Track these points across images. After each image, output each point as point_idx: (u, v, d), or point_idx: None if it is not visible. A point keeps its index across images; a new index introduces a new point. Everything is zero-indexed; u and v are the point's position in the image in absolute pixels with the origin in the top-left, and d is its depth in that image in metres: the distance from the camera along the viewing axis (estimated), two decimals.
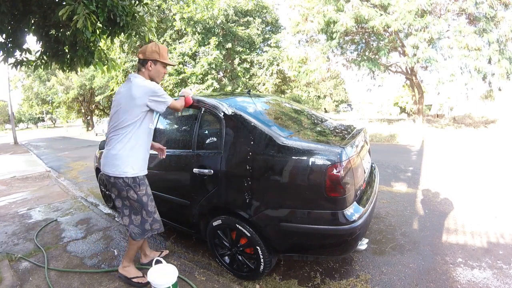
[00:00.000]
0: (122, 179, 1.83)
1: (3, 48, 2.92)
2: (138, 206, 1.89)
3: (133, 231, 1.93)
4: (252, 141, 1.86)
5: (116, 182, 1.84)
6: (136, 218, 1.92)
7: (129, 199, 1.88)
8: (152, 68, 1.89)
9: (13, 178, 6.10)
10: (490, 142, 7.75)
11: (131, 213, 1.92)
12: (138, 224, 1.92)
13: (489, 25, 9.89)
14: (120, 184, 1.84)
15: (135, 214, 1.91)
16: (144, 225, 1.93)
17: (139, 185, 1.88)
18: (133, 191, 1.85)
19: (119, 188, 1.86)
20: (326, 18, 10.79)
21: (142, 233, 1.94)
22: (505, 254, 2.24)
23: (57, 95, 27.46)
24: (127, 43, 14.60)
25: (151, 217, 1.94)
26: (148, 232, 1.95)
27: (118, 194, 1.91)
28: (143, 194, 1.89)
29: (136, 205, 1.89)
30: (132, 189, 1.85)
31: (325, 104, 31.21)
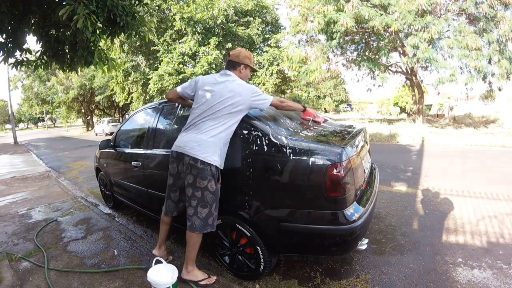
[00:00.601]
0: (210, 167, 1.81)
1: (3, 48, 2.92)
2: (211, 199, 1.84)
3: (195, 223, 1.86)
4: (252, 141, 1.86)
5: (204, 168, 1.80)
6: (203, 211, 1.85)
7: (205, 190, 1.82)
8: (243, 72, 2.03)
9: (13, 178, 6.10)
10: (490, 142, 7.75)
11: (198, 205, 1.84)
12: (203, 217, 1.85)
13: (489, 25, 9.89)
14: (207, 171, 1.80)
15: (202, 207, 1.85)
16: (208, 220, 1.86)
17: (220, 178, 1.89)
18: (214, 182, 1.83)
19: (202, 176, 1.80)
20: (326, 18, 10.80)
21: (203, 226, 1.86)
22: (505, 254, 2.24)
23: (57, 95, 27.45)
24: (127, 43, 14.62)
25: (216, 212, 1.90)
26: (208, 227, 1.87)
27: (194, 182, 1.83)
28: (219, 188, 1.89)
29: (209, 197, 1.84)
30: (214, 179, 1.83)
31: (325, 104, 31.17)
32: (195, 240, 1.91)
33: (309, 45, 13.87)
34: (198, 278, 1.95)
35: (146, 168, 2.63)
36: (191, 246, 1.93)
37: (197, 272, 1.99)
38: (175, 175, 2.01)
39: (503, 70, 9.91)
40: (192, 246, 1.93)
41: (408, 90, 18.72)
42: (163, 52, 14.28)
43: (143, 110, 3.09)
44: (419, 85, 13.58)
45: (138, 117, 3.18)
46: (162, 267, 1.81)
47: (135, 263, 2.31)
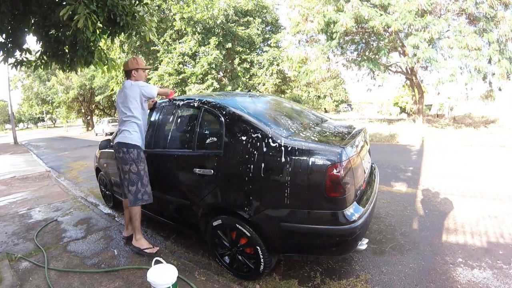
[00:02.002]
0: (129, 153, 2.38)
1: (3, 48, 2.92)
2: (136, 178, 2.37)
3: (129, 198, 2.37)
4: (252, 141, 1.86)
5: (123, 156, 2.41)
6: (132, 189, 2.36)
7: (129, 172, 2.37)
8: (137, 75, 2.54)
9: (13, 178, 6.10)
10: (490, 142, 7.75)
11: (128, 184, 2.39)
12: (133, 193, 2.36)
13: (489, 25, 9.89)
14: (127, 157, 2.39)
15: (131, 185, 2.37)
16: (137, 195, 2.35)
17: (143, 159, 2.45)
18: (135, 165, 2.37)
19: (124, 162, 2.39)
20: (326, 18, 10.79)
21: (134, 201, 2.35)
22: (505, 254, 2.24)
23: (57, 95, 27.44)
24: (127, 43, 14.61)
25: (143, 188, 2.38)
26: (138, 201, 2.35)
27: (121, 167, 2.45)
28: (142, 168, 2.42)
29: (134, 177, 2.37)
30: (135, 163, 2.38)
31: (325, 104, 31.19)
32: (135, 211, 2.38)
33: (309, 45, 13.86)
34: (143, 246, 2.40)
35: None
36: (134, 216, 2.39)
37: (144, 241, 2.44)
38: (118, 169, 2.54)
39: (503, 70, 9.90)
40: (134, 216, 2.39)
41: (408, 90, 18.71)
42: (163, 52, 14.28)
43: None
44: (419, 85, 13.57)
45: None
46: (162, 267, 1.81)
47: (135, 263, 2.31)
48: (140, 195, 2.34)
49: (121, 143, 2.37)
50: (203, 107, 2.24)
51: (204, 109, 2.23)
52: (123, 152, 2.36)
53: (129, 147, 2.36)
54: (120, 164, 2.41)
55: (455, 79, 10.44)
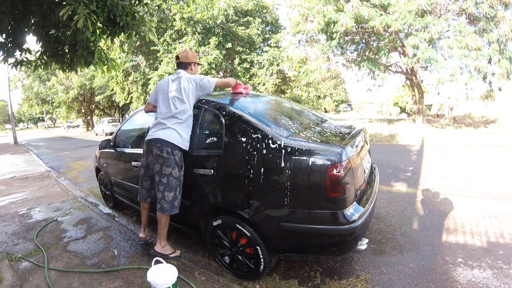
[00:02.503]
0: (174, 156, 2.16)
1: (3, 48, 2.92)
2: (176, 184, 2.17)
3: (164, 205, 2.15)
4: (252, 141, 1.86)
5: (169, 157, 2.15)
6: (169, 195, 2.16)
7: (170, 176, 2.15)
8: (194, 69, 2.41)
9: (13, 178, 6.10)
10: (490, 142, 7.75)
11: (165, 189, 2.16)
12: (170, 200, 2.15)
13: (489, 25, 9.89)
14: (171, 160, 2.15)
15: (169, 191, 2.15)
16: (174, 202, 2.16)
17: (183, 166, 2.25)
18: (177, 169, 2.17)
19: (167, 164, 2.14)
20: (326, 18, 10.79)
21: (171, 208, 2.16)
22: (505, 254, 2.24)
23: (57, 95, 27.46)
24: (127, 43, 14.61)
25: (180, 196, 2.21)
26: (175, 209, 2.17)
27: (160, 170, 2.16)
28: (182, 174, 2.22)
29: (174, 182, 2.16)
30: (178, 167, 2.17)
31: (325, 104, 31.20)
32: (165, 219, 2.21)
33: (309, 45, 13.86)
34: (168, 252, 2.29)
35: None
36: (162, 224, 2.22)
37: (168, 247, 2.33)
38: (145, 166, 2.31)
39: (503, 70, 9.90)
40: (163, 224, 2.22)
41: (408, 90, 18.72)
42: (163, 52, 14.27)
43: (143, 110, 3.09)
44: (419, 85, 13.57)
45: (138, 117, 3.18)
46: (162, 267, 1.81)
47: (135, 263, 2.31)
48: (176, 203, 2.15)
49: (167, 142, 2.11)
50: (203, 107, 2.25)
51: (204, 109, 2.23)
52: (167, 152, 2.10)
53: (174, 148, 2.12)
54: (160, 165, 2.12)
55: (455, 79, 10.44)
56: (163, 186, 2.12)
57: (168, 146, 2.10)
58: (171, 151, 2.10)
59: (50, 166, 7.93)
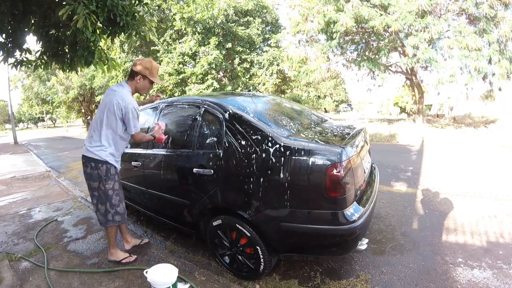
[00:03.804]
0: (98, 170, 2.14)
1: (3, 48, 2.92)
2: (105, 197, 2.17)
3: (98, 218, 2.24)
4: (252, 141, 1.86)
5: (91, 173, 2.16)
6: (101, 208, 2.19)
7: (99, 190, 2.17)
8: (140, 82, 2.19)
9: (13, 178, 6.10)
10: (490, 142, 7.75)
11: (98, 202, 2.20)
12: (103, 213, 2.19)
13: (489, 26, 9.88)
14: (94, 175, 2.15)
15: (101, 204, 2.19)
16: (107, 215, 2.18)
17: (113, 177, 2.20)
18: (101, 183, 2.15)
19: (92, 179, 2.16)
20: (326, 18, 10.79)
21: (105, 222, 2.20)
22: (505, 254, 2.24)
23: (57, 95, 27.45)
24: (127, 43, 14.61)
25: (112, 209, 2.18)
26: (109, 223, 2.20)
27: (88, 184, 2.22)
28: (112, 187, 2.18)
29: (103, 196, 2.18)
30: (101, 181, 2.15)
31: (325, 104, 31.19)
32: (109, 232, 2.25)
33: (309, 45, 13.85)
34: (120, 258, 2.28)
35: (146, 168, 2.63)
36: (108, 235, 2.27)
37: (119, 253, 2.31)
38: None
39: (504, 70, 9.90)
40: (109, 234, 2.26)
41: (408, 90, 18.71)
42: (163, 52, 14.27)
43: (143, 109, 3.09)
44: (419, 85, 13.57)
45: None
46: (162, 267, 1.81)
47: (135, 263, 2.31)
48: (110, 216, 2.18)
49: (88, 158, 2.11)
50: (203, 107, 2.25)
51: (205, 109, 2.23)
52: (90, 167, 2.11)
53: (97, 162, 2.10)
54: (87, 181, 2.18)
55: (455, 79, 10.44)
56: (95, 199, 2.19)
57: (90, 161, 2.11)
58: (94, 165, 2.11)
59: (50, 166, 7.93)
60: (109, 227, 2.22)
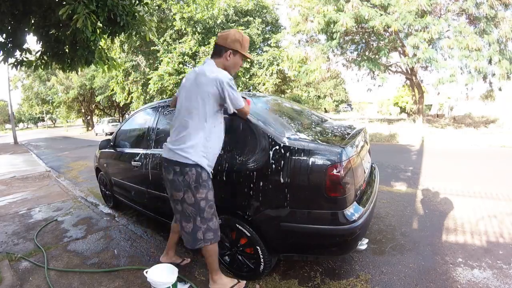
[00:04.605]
0: (184, 176, 1.68)
1: (3, 48, 2.92)
2: (193, 212, 1.70)
3: (184, 237, 1.77)
4: (252, 141, 1.86)
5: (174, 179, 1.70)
6: (188, 226, 1.73)
7: (183, 202, 1.71)
8: (230, 59, 1.73)
9: (13, 178, 6.10)
10: (490, 142, 7.75)
11: (182, 219, 1.75)
12: (189, 232, 1.72)
13: (489, 26, 9.88)
14: (178, 182, 1.69)
15: (186, 222, 1.73)
16: (196, 234, 1.71)
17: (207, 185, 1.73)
18: (191, 193, 1.68)
19: (176, 188, 1.70)
20: (326, 18, 10.79)
21: (193, 241, 1.72)
22: (505, 254, 2.24)
23: (57, 95, 27.48)
24: (127, 43, 14.62)
25: (204, 225, 1.71)
26: (200, 242, 1.72)
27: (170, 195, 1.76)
28: (204, 197, 1.71)
29: (190, 210, 1.70)
30: (191, 190, 1.68)
31: (325, 104, 31.18)
32: (204, 253, 1.78)
33: (309, 45, 13.85)
34: (227, 286, 1.84)
35: (146, 168, 2.63)
36: (207, 258, 1.81)
37: (225, 279, 1.86)
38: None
39: (504, 70, 9.91)
40: (208, 258, 1.80)
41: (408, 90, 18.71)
42: (163, 52, 14.28)
43: (143, 110, 3.09)
44: (419, 85, 13.58)
45: (138, 117, 3.18)
46: (162, 267, 1.82)
47: (135, 263, 2.31)
48: (200, 235, 1.70)
49: (171, 161, 1.68)
50: None
51: None
52: (174, 173, 1.67)
53: (183, 165, 1.65)
54: (168, 190, 1.75)
55: (455, 79, 10.45)
56: (178, 215, 1.74)
57: (176, 164, 1.67)
58: (179, 170, 1.66)
59: (50, 166, 7.93)
60: (203, 247, 1.73)
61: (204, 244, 1.72)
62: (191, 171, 1.65)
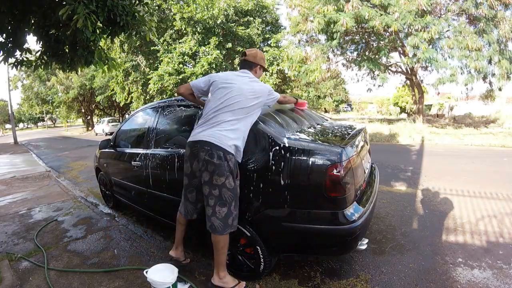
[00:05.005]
0: (228, 162, 1.78)
1: (3, 48, 2.92)
2: (230, 197, 1.78)
3: (214, 223, 1.77)
4: (252, 140, 1.86)
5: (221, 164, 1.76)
6: (222, 210, 1.76)
7: (223, 187, 1.77)
8: (258, 72, 2.07)
9: (13, 178, 6.10)
10: (490, 142, 7.75)
11: (217, 204, 1.77)
12: (222, 217, 1.76)
13: (489, 26, 9.89)
14: (224, 167, 1.77)
15: (221, 206, 1.76)
16: (228, 219, 1.76)
17: (238, 174, 1.88)
18: (232, 178, 1.79)
19: (219, 172, 1.75)
20: (326, 18, 10.79)
21: (224, 227, 1.76)
22: (505, 254, 2.24)
23: (57, 95, 27.47)
24: (127, 43, 14.62)
25: (236, 211, 1.81)
26: (228, 228, 1.78)
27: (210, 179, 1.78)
28: (238, 185, 1.86)
29: (228, 195, 1.77)
30: (232, 176, 1.79)
31: (325, 104, 31.12)
32: (222, 243, 1.78)
33: (309, 45, 13.86)
34: (230, 285, 1.87)
35: (146, 168, 2.63)
36: (219, 250, 1.80)
37: (229, 278, 1.89)
38: (189, 174, 1.91)
39: (504, 70, 9.91)
40: (220, 249, 1.80)
41: (408, 90, 18.72)
42: (163, 52, 14.28)
43: (143, 110, 3.09)
44: (419, 85, 13.58)
45: (138, 117, 3.18)
46: (162, 267, 1.82)
47: (135, 263, 2.31)
48: (230, 220, 1.76)
49: (216, 146, 1.72)
50: (202, 106, 2.24)
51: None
52: (218, 157, 1.71)
53: (226, 152, 1.73)
54: (207, 174, 1.74)
55: (455, 79, 10.45)
56: (213, 200, 1.75)
57: (219, 149, 1.71)
58: (223, 156, 1.71)
59: (50, 166, 7.93)
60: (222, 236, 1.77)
61: (231, 230, 1.79)
62: (232, 159, 1.76)
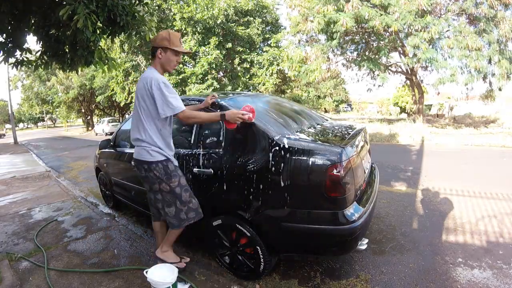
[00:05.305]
0: (153, 171, 1.89)
1: (3, 48, 2.92)
2: (172, 198, 1.92)
3: (171, 222, 1.96)
4: (252, 140, 1.86)
5: (147, 176, 1.93)
6: (170, 210, 1.94)
7: (161, 192, 1.94)
8: (162, 56, 1.87)
9: (13, 178, 6.10)
10: (490, 142, 7.75)
11: (164, 206, 1.96)
12: (173, 215, 1.94)
13: (489, 26, 9.89)
14: (151, 176, 1.91)
15: (168, 207, 1.94)
16: (180, 215, 1.93)
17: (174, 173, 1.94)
18: (164, 183, 1.88)
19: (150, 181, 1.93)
20: (326, 18, 10.79)
21: (179, 222, 1.95)
22: (505, 254, 2.24)
23: (57, 95, 27.47)
24: (127, 43, 14.62)
25: (184, 206, 1.93)
26: (184, 221, 1.94)
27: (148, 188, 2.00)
28: (177, 184, 1.92)
29: (169, 197, 1.92)
30: (163, 180, 1.88)
31: (325, 104, 31.13)
32: (178, 232, 2.03)
33: (309, 45, 13.86)
34: (170, 260, 2.03)
35: None
36: (173, 233, 2.03)
37: (171, 254, 2.08)
38: None
39: (504, 70, 9.91)
40: (174, 233, 2.04)
41: (408, 90, 18.72)
42: None
43: None
44: (419, 85, 13.58)
45: None
46: (162, 267, 1.82)
47: (135, 263, 2.31)
48: (183, 215, 1.92)
49: (139, 161, 1.89)
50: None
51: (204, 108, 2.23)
52: (144, 170, 1.88)
53: (149, 163, 1.86)
54: (145, 185, 1.99)
55: (455, 79, 10.45)
56: (160, 203, 1.95)
57: (143, 163, 1.88)
58: (148, 168, 1.87)
59: (50, 166, 7.93)
60: (182, 228, 1.98)
61: (189, 222, 1.95)
62: (158, 166, 1.86)
